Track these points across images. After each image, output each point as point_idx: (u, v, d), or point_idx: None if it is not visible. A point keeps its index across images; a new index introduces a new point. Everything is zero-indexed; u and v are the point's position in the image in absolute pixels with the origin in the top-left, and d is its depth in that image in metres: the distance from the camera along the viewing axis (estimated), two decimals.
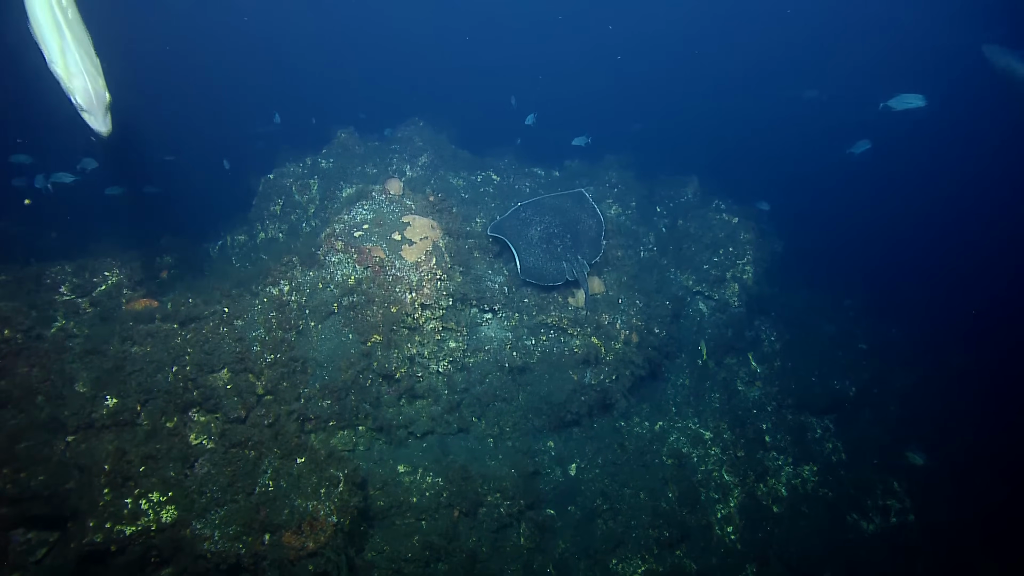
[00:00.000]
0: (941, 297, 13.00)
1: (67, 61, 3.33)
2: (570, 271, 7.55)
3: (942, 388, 10.28)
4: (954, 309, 12.40)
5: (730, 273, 9.38)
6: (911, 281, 13.94)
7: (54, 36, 3.34)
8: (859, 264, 14.37)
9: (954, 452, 9.34)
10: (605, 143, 11.62)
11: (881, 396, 9.91)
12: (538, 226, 7.80)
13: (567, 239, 7.78)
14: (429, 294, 6.32)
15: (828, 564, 8.00)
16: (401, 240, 6.31)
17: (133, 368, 5.45)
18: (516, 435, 7.99)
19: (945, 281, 13.36)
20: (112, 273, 6.28)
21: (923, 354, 10.98)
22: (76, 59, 3.35)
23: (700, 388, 9.48)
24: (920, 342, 11.37)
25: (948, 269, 13.85)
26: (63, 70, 3.32)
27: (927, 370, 10.55)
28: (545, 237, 7.74)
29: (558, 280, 7.51)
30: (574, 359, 7.68)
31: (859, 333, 11.15)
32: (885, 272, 13.95)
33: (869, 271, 14.04)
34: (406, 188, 6.93)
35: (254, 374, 5.96)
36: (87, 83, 3.34)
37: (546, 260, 7.64)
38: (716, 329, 9.66)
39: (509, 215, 7.99)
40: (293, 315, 6.30)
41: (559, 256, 7.65)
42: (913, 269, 14.32)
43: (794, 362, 10.03)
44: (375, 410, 6.77)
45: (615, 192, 10.08)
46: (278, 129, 10.54)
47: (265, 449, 5.55)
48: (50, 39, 3.33)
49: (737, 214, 9.87)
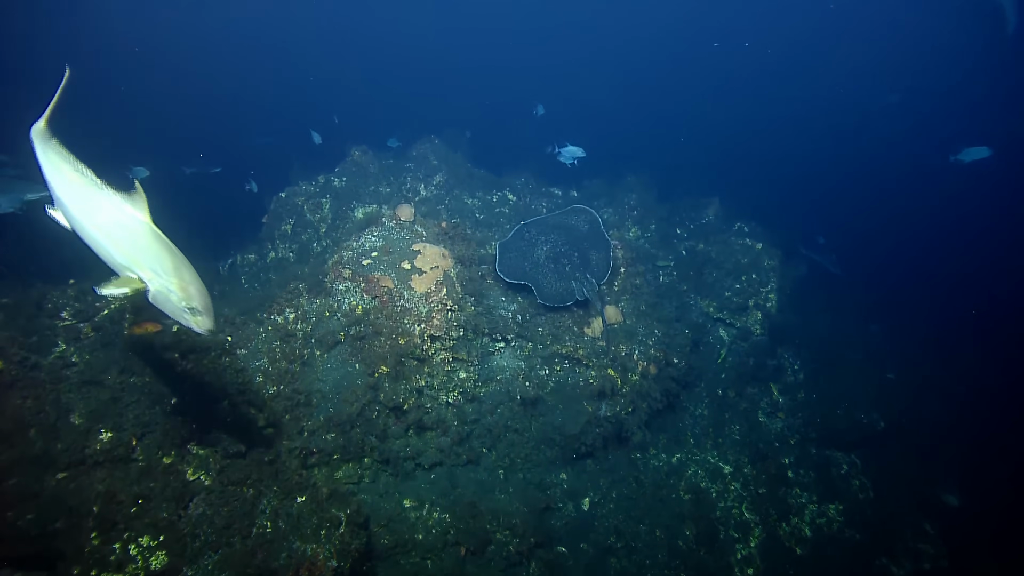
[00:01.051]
0: (977, 323, 12.35)
1: (183, 276, 3.20)
2: (580, 290, 7.27)
3: (978, 422, 9.72)
4: (992, 337, 11.76)
5: (753, 301, 8.97)
6: (943, 305, 13.32)
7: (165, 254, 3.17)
8: (888, 286, 13.76)
9: (991, 492, 8.79)
10: (626, 161, 11.25)
11: (912, 430, 9.39)
12: (544, 245, 7.55)
13: (574, 257, 7.50)
14: (439, 325, 6.03)
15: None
16: (411, 269, 6.03)
17: (131, 400, 5.23)
18: (528, 467, 7.66)
19: (982, 306, 12.70)
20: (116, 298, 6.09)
21: (957, 384, 10.42)
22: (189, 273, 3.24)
23: (720, 419, 9.06)
24: (954, 371, 10.80)
25: (986, 294, 13.17)
26: (182, 291, 3.19)
27: (961, 402, 9.99)
28: (553, 256, 7.48)
29: (567, 300, 7.23)
30: (589, 390, 7.33)
31: (887, 361, 10.64)
32: (916, 295, 13.31)
33: (899, 294, 13.42)
34: (417, 214, 6.66)
35: (255, 407, 5.71)
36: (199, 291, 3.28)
37: (555, 280, 7.36)
38: (737, 357, 9.24)
39: (513, 236, 7.74)
40: (298, 344, 6.05)
41: (568, 276, 7.37)
42: (946, 292, 13.66)
43: (818, 393, 9.56)
44: (381, 443, 6.49)
45: (635, 215, 9.75)
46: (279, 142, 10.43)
47: (264, 487, 5.28)
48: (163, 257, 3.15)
49: (761, 239, 9.46)
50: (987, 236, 15.38)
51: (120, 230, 3.08)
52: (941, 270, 14.39)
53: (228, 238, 9.21)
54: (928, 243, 15.57)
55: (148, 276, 3.15)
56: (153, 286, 3.17)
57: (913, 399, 9.76)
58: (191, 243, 9.60)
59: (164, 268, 3.13)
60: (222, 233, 9.39)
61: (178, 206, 8.02)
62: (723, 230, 10.06)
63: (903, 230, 15.87)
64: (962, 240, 15.43)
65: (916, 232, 15.88)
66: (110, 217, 3.06)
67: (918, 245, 15.39)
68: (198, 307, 3.26)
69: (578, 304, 7.41)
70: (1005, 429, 9.54)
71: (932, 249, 15.12)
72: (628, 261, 7.75)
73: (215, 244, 9.40)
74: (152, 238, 3.13)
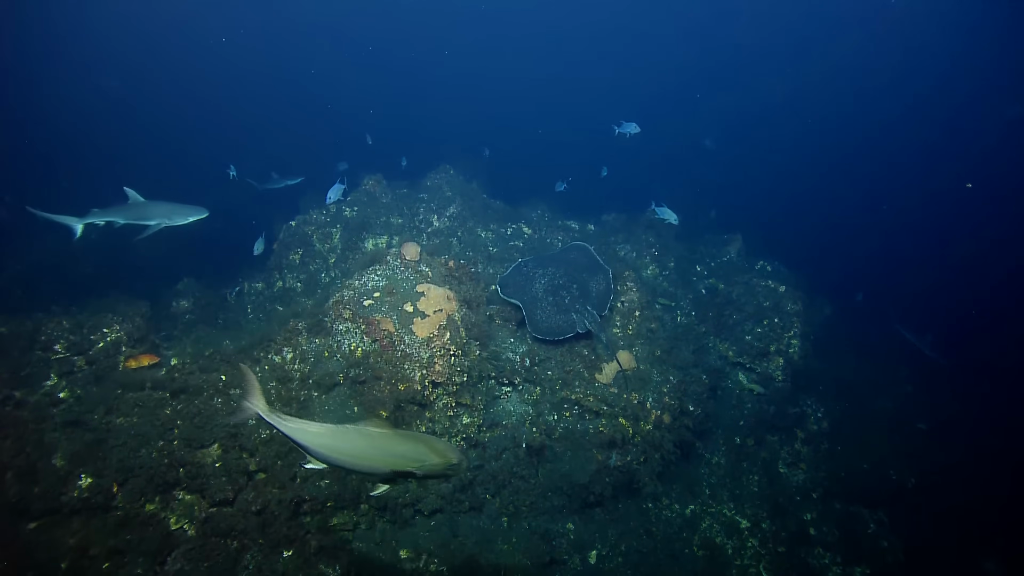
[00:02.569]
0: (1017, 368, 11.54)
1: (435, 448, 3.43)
2: (580, 323, 6.90)
3: (1021, 481, 8.99)
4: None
5: (774, 346, 8.45)
6: (980, 347, 12.55)
7: None
8: (919, 327, 13.03)
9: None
10: (646, 194, 10.87)
11: (945, 487, 8.70)
12: (542, 279, 7.25)
13: (573, 289, 7.18)
14: (441, 371, 5.68)
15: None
16: (413, 312, 5.70)
17: (116, 442, 4.95)
18: (533, 515, 7.22)
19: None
20: (111, 330, 5.85)
21: (995, 437, 9.68)
22: None
23: (737, 468, 8.52)
24: (991, 422, 10.07)
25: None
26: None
27: (1000, 457, 9.26)
28: (551, 289, 7.17)
29: (568, 333, 6.86)
30: (599, 439, 6.90)
31: (918, 410, 9.97)
32: (952, 336, 12.52)
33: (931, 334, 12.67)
34: (424, 252, 6.34)
35: (247, 451, 5.39)
36: None
37: (554, 313, 7.02)
38: (757, 404, 8.70)
39: (511, 271, 7.50)
40: (295, 387, 5.74)
41: (567, 308, 7.02)
42: (985, 332, 12.87)
43: (844, 444, 8.97)
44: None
45: (653, 252, 9.32)
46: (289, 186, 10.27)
47: (249, 540, 4.95)
48: None
49: (785, 280, 8.95)
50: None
51: (373, 451, 3.32)
52: (990, 310, 13.60)
53: (238, 265, 9.02)
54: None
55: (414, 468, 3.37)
56: (421, 472, 3.38)
57: (946, 453, 9.09)
58: (203, 268, 9.47)
59: (420, 454, 3.36)
60: (232, 259, 9.22)
61: (193, 228, 7.91)
62: (745, 269, 9.59)
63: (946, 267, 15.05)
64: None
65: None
66: (359, 446, 3.33)
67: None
68: (455, 461, 3.41)
69: (578, 337, 7.04)
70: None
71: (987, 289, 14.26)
72: (643, 304, 7.34)
73: (227, 269, 9.22)
74: (399, 441, 3.38)
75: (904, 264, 15.50)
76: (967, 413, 10.18)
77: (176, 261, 10.42)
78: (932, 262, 15.40)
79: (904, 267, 15.36)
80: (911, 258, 15.72)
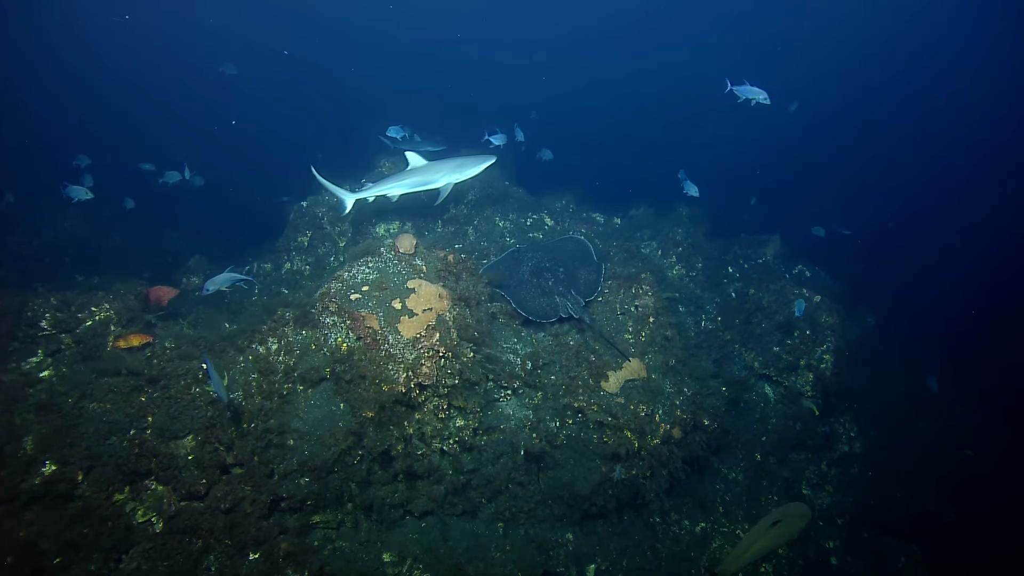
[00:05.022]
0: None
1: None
2: (564, 307, 6.46)
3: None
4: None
5: (804, 360, 7.63)
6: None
7: None
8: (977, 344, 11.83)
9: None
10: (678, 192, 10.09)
11: (993, 527, 7.77)
12: (529, 263, 6.93)
13: (559, 273, 6.79)
14: (428, 374, 5.20)
15: None
16: (401, 310, 5.23)
17: (86, 428, 4.71)
18: (531, 522, 6.75)
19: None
20: (101, 309, 5.61)
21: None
22: None
23: (756, 487, 7.81)
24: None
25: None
26: None
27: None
28: (535, 272, 6.80)
29: (551, 317, 6.45)
30: (603, 449, 6.35)
31: (966, 435, 8.95)
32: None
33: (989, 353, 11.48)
34: (419, 245, 5.85)
35: (223, 444, 5.09)
36: None
37: (536, 296, 6.61)
38: (781, 420, 7.93)
39: (505, 256, 7.31)
40: (278, 379, 5.37)
41: (550, 291, 6.62)
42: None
43: (877, 469, 8.14)
44: (363, 491, 5.75)
45: (679, 251, 8.56)
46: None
47: (215, 540, 4.64)
48: None
49: (821, 290, 8.06)
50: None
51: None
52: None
53: (249, 242, 8.77)
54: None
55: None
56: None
57: (996, 485, 8.11)
58: (216, 244, 9.25)
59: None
60: (245, 237, 8.98)
61: (209, 204, 7.70)
62: (780, 274, 8.73)
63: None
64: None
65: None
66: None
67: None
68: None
69: (562, 321, 6.64)
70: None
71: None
72: (659, 309, 6.67)
73: (240, 246, 9.00)
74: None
75: (972, 276, 14.01)
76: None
77: (197, 237, 10.36)
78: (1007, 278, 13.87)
79: (972, 279, 13.88)
80: (982, 271, 14.19)
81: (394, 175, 7.00)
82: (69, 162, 9.76)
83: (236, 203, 10.94)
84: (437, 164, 6.93)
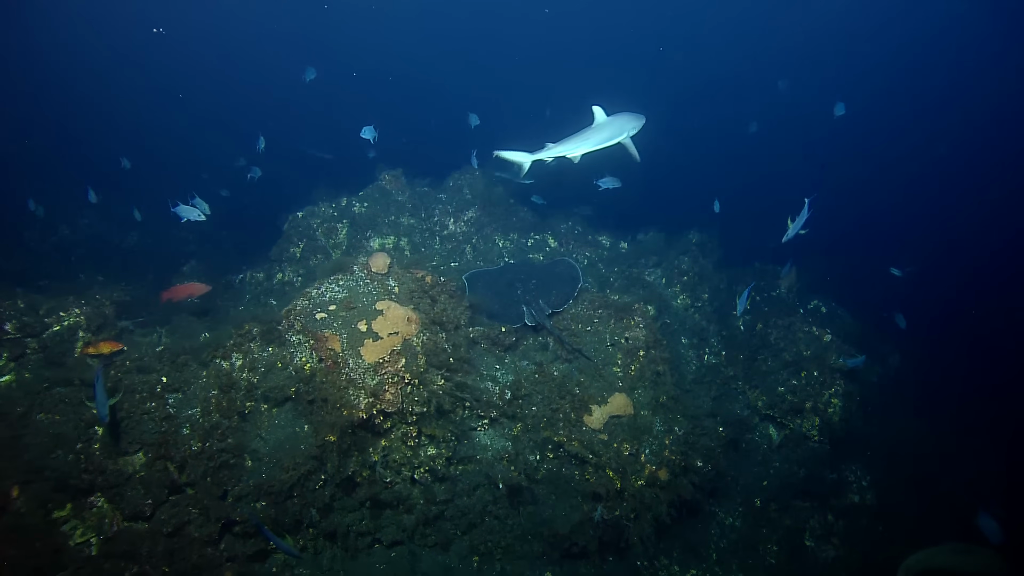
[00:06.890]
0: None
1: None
2: (529, 315, 6.40)
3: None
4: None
5: (810, 404, 7.05)
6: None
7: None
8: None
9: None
10: (693, 213, 9.60)
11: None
12: (510, 276, 7.04)
13: (531, 284, 6.85)
14: (392, 401, 4.91)
15: None
16: (366, 332, 4.97)
17: (33, 440, 4.57)
18: (507, 559, 6.37)
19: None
20: (70, 314, 5.53)
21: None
22: None
23: (754, 535, 7.25)
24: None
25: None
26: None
27: None
28: (507, 282, 6.92)
29: (515, 323, 6.43)
30: (585, 486, 5.95)
31: (996, 494, 8.16)
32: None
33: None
34: (394, 265, 5.58)
35: (174, 463, 4.89)
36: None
37: (503, 304, 6.58)
38: (785, 464, 7.37)
39: (496, 270, 7.40)
40: (239, 396, 5.17)
41: (517, 300, 6.60)
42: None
43: (890, 523, 7.45)
44: (323, 518, 5.48)
45: (684, 280, 8.10)
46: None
47: (151, 567, 4.42)
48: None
49: (837, 328, 7.48)
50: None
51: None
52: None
53: (246, 251, 8.69)
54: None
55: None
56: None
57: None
58: (223, 247, 9.17)
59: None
60: (243, 245, 8.91)
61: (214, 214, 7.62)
62: (793, 308, 8.15)
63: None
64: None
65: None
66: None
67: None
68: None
69: (526, 328, 6.58)
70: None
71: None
72: (651, 343, 6.23)
73: (240, 254, 8.92)
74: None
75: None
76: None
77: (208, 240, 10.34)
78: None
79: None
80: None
81: (577, 134, 6.18)
82: (97, 163, 9.92)
83: (248, 210, 10.97)
84: (609, 121, 6.20)
